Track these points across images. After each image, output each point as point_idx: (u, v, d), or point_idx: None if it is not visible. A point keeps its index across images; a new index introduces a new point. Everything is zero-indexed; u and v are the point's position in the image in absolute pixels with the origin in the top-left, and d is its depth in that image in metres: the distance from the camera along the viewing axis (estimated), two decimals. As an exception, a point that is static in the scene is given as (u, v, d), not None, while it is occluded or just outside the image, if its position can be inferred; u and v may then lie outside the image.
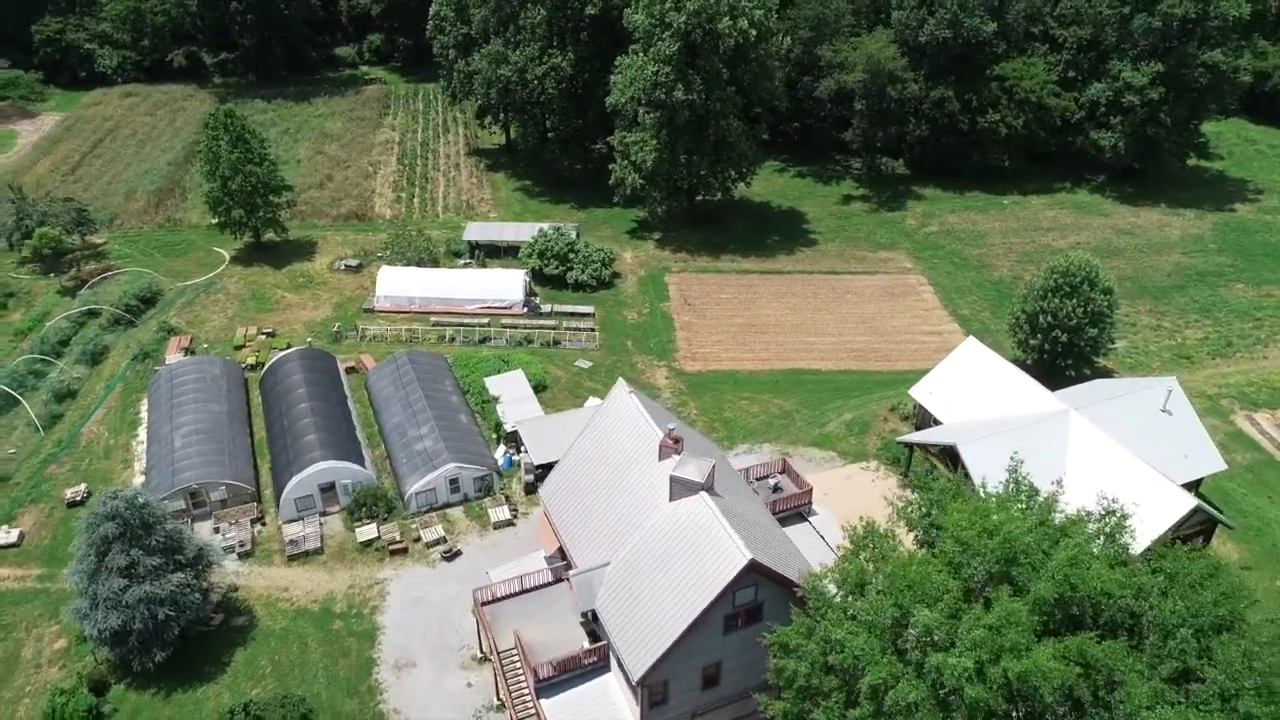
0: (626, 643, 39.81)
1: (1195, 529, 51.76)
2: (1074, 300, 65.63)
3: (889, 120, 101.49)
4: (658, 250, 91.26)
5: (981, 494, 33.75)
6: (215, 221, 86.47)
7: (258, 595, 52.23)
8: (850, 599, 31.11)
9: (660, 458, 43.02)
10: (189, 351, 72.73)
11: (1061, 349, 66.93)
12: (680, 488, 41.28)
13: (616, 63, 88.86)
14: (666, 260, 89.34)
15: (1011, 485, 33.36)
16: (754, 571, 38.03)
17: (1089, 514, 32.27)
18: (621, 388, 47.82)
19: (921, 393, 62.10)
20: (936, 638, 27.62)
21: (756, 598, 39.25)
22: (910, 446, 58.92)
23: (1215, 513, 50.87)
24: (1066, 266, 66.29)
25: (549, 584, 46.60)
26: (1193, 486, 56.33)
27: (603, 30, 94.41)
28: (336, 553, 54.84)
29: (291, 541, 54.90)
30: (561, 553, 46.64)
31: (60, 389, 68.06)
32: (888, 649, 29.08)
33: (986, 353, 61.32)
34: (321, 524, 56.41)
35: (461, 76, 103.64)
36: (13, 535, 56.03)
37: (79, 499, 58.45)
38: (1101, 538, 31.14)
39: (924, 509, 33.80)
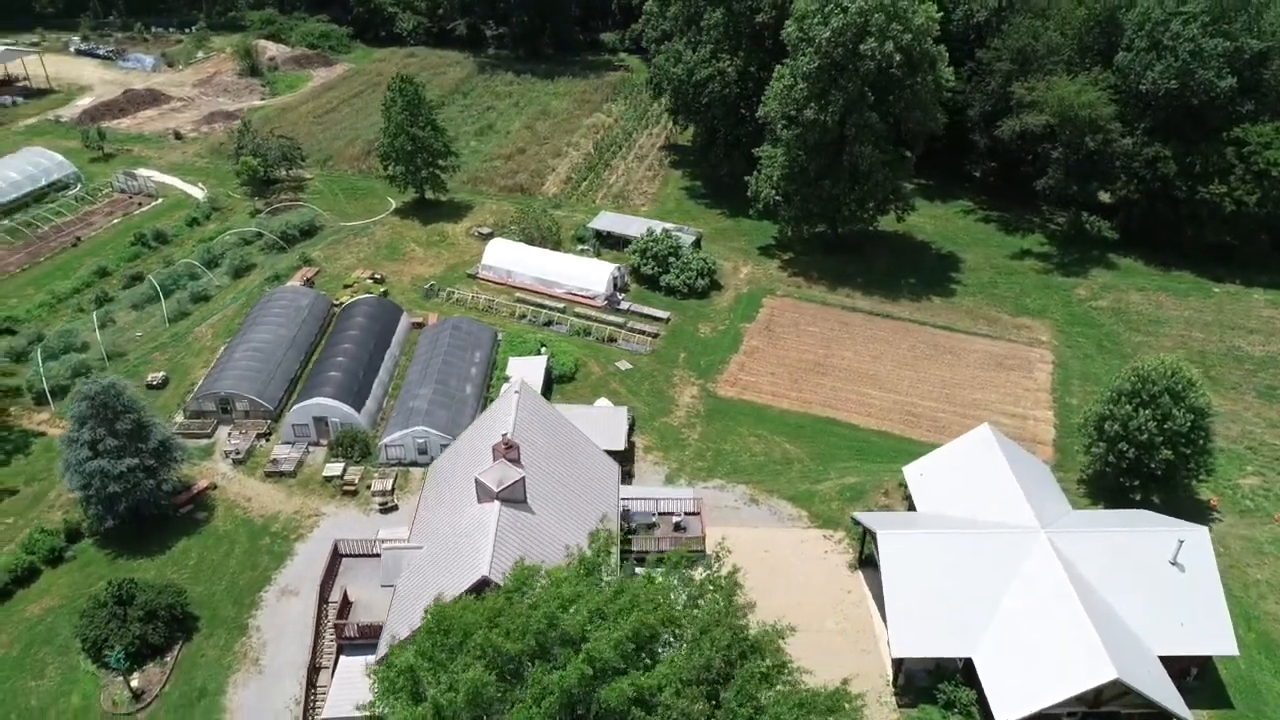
0: (390, 626, 40.89)
1: (1140, 711, 42.35)
2: (1148, 411, 55.07)
3: (1088, 174, 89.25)
4: (779, 270, 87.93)
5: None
6: (387, 174, 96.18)
7: (226, 498, 59.06)
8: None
9: (493, 459, 43.17)
10: (309, 282, 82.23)
11: (1128, 466, 56.49)
12: (481, 491, 41.37)
13: (775, 73, 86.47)
14: (779, 281, 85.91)
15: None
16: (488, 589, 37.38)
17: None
18: (512, 385, 48.15)
19: (913, 472, 55.82)
20: (423, 688, 26.05)
21: (503, 619, 38.48)
22: (863, 526, 53.23)
23: (1156, 699, 41.05)
24: (1149, 371, 55.66)
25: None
26: (1192, 665, 45.95)
27: (775, 39, 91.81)
28: (304, 480, 60.33)
29: (273, 460, 61.25)
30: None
31: (199, 293, 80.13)
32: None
33: (994, 445, 53.55)
34: (308, 452, 62.25)
35: (653, 70, 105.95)
36: (97, 400, 67.63)
37: (155, 383, 69.00)
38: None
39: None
